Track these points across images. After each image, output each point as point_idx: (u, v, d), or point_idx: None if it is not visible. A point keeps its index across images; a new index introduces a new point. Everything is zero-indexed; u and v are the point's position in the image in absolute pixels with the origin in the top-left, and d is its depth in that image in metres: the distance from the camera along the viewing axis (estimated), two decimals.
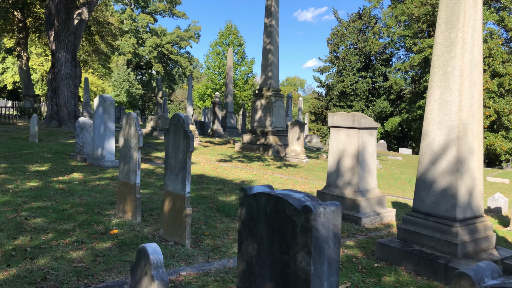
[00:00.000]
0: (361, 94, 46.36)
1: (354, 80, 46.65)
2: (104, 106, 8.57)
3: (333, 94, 47.72)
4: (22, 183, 6.46)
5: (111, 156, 8.72)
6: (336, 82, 46.98)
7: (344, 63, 47.45)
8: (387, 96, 46.35)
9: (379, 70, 46.09)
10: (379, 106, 45.62)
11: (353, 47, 48.03)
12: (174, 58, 66.41)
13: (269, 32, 14.36)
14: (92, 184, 6.84)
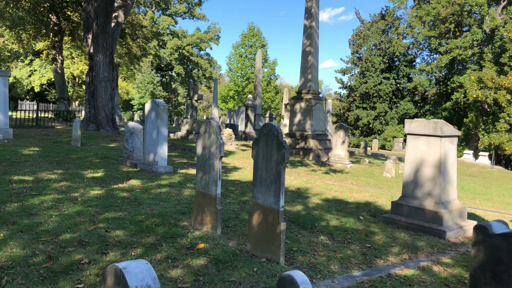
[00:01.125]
0: (384, 96, 45.68)
1: (377, 81, 45.98)
2: (157, 111, 8.42)
3: (355, 96, 47.17)
4: (86, 191, 6.32)
5: (164, 162, 8.56)
6: (359, 83, 46.39)
7: (367, 64, 46.82)
8: (411, 98, 45.59)
9: (403, 71, 45.37)
10: (403, 107, 44.90)
11: (376, 48, 47.41)
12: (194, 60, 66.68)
13: (309, 34, 14.09)
14: (154, 192, 6.67)
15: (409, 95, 45.63)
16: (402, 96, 45.92)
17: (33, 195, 5.81)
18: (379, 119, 46.91)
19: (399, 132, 44.69)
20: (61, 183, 6.73)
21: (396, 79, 46.01)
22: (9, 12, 18.64)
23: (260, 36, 45.96)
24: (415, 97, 46.01)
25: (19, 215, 4.86)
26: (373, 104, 46.60)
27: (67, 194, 6.05)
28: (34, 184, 6.45)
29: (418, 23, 42.76)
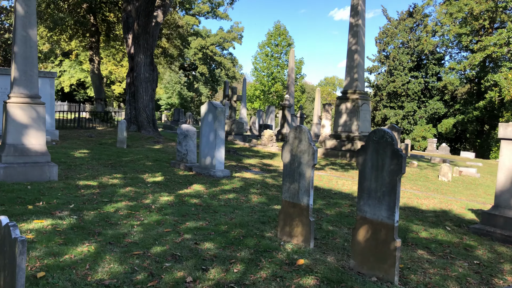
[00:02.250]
0: (412, 95, 44.64)
1: (405, 80, 44.96)
2: (215, 113, 8.15)
3: (382, 95, 46.26)
4: (155, 197, 6.08)
5: (221, 166, 8.29)
6: (386, 82, 45.46)
7: (395, 62, 45.84)
8: (440, 97, 44.41)
9: (432, 70, 44.22)
10: (432, 107, 43.77)
11: (404, 46, 46.39)
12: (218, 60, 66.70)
13: (355, 32, 13.64)
14: (223, 198, 6.39)
15: (438, 94, 44.46)
16: (431, 95, 44.76)
17: (105, 202, 5.60)
18: (407, 118, 45.87)
19: (428, 132, 43.66)
20: (126, 188, 6.52)
21: (424, 78, 44.88)
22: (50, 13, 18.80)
23: (287, 35, 45.51)
24: (445, 96, 44.82)
25: (100, 224, 4.64)
26: (401, 103, 45.59)
27: (138, 201, 5.82)
28: (101, 190, 6.25)
29: (449, 20, 41.60)
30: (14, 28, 6.39)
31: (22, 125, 6.37)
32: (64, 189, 6.09)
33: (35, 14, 6.55)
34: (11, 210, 4.87)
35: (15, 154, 6.33)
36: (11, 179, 6.20)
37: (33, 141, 6.48)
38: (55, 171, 6.60)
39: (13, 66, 6.39)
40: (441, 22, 43.48)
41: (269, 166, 10.71)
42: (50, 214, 4.87)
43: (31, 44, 6.48)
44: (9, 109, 6.26)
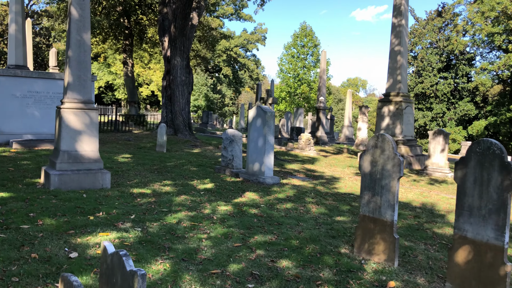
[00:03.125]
0: (442, 96, 43.44)
1: (434, 81, 43.79)
2: (265, 118, 7.87)
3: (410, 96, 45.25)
4: (213, 207, 5.83)
5: (270, 172, 7.99)
6: (414, 83, 44.44)
7: (423, 63, 44.76)
8: (471, 98, 43.07)
9: (462, 71, 42.92)
10: (462, 108, 42.47)
11: (432, 46, 45.27)
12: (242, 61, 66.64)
13: (398, 32, 13.16)
14: (281, 208, 6.09)
15: (469, 95, 43.13)
16: (461, 97, 43.45)
17: (164, 212, 5.38)
18: (436, 120, 44.65)
19: (458, 134, 42.45)
20: (181, 196, 6.29)
21: (454, 79, 43.62)
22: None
23: (313, 35, 45.00)
24: (476, 98, 43.46)
25: (168, 238, 4.40)
26: (430, 104, 44.43)
27: (197, 210, 5.57)
28: (157, 198, 6.04)
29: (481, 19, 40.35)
30: (69, 32, 6.25)
31: (76, 131, 6.22)
32: (120, 197, 5.90)
33: (89, 17, 6.41)
34: (73, 221, 4.68)
35: (69, 161, 6.18)
36: (66, 187, 6.05)
37: (86, 148, 6.33)
38: (108, 178, 6.43)
39: (67, 70, 6.25)
40: (472, 21, 42.23)
41: (314, 172, 10.35)
42: (113, 225, 4.66)
43: (85, 48, 6.33)
44: (63, 115, 6.13)
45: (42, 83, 11.02)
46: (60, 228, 4.42)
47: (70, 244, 4.03)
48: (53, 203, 5.27)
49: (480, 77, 42.63)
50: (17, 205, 5.10)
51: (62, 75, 11.41)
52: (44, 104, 11.08)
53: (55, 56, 18.99)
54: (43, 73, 11.25)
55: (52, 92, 11.16)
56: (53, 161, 6.30)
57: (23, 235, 4.13)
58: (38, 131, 10.99)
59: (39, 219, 4.62)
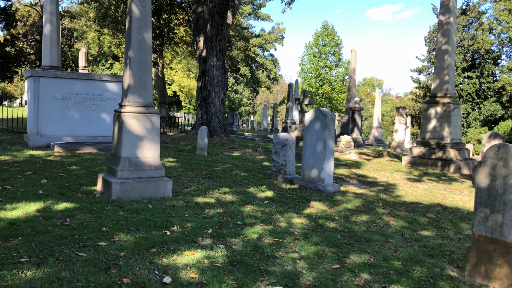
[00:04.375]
0: (466, 96, 42.35)
1: (458, 80, 42.72)
2: (325, 121, 7.41)
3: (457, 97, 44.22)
4: (286, 219, 5.40)
5: (330, 179, 7.53)
6: None
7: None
8: (497, 98, 41.89)
9: (488, 70, 41.75)
10: (488, 108, 41.31)
11: (456, 45, 44.20)
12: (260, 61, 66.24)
13: (445, 31, 12.56)
14: (358, 221, 5.63)
15: (495, 95, 41.93)
16: (486, 97, 42.28)
17: (239, 225, 4.97)
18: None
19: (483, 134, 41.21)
20: (247, 207, 5.88)
21: (479, 78, 42.48)
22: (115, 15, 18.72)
23: (335, 35, 44.32)
24: (502, 98, 42.25)
25: (258, 258, 3.98)
26: None
27: (273, 224, 5.15)
28: (224, 209, 5.64)
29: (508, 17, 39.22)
30: (129, 31, 5.89)
31: (137, 137, 5.86)
32: (187, 208, 5.51)
33: (150, 15, 6.03)
34: (150, 237, 4.30)
35: (130, 169, 5.82)
36: (127, 196, 5.69)
37: (147, 154, 5.95)
38: (170, 186, 6.05)
39: (127, 72, 5.89)
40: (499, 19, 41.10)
41: (365, 177, 9.85)
42: (193, 242, 4.27)
43: (146, 48, 5.96)
44: (124, 120, 5.76)
45: (81, 84, 10.74)
46: (140, 246, 4.03)
47: (157, 265, 3.63)
48: (122, 216, 4.90)
49: (507, 76, 41.45)
50: (85, 217, 4.74)
51: (101, 76, 11.13)
52: (83, 106, 10.80)
53: (84, 57, 18.83)
54: (83, 74, 10.98)
55: (91, 94, 10.87)
56: (112, 168, 5.95)
57: (104, 254, 3.75)
58: (77, 134, 10.71)
59: (114, 235, 4.25)
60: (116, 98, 11.18)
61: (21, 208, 4.86)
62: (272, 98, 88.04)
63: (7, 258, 3.47)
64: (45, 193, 5.66)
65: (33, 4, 44.00)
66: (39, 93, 10.23)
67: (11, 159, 7.93)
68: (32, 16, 43.94)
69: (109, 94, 11.08)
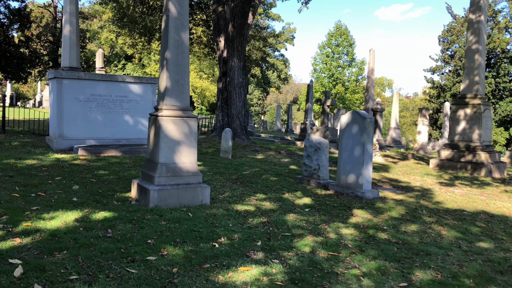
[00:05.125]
0: None
1: None
2: (363, 124, 7.10)
3: (446, 96, 43.59)
4: (334, 229, 5.10)
5: (369, 185, 7.22)
6: (452, 83, 42.78)
7: (462, 62, 43.00)
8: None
9: (504, 69, 40.99)
10: (504, 109, 40.55)
11: None
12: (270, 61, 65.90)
13: (476, 29, 12.16)
14: (408, 231, 5.32)
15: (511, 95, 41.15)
16: (502, 97, 41.49)
17: (287, 236, 4.68)
18: None
19: (499, 135, 40.64)
20: (289, 215, 5.59)
21: (495, 78, 41.72)
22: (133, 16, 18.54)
23: (348, 34, 43.85)
24: None
25: (319, 275, 3.69)
26: None
27: (322, 235, 4.85)
28: (266, 218, 5.36)
29: None
30: (166, 31, 5.64)
31: (174, 142, 5.60)
32: (229, 217, 5.24)
33: (188, 15, 5.78)
34: (199, 250, 4.03)
35: (167, 175, 5.57)
36: (165, 204, 5.44)
37: (185, 160, 5.70)
38: (207, 193, 5.79)
39: (164, 74, 5.63)
40: None
41: (397, 181, 9.52)
42: (245, 256, 3.99)
43: (183, 49, 5.70)
44: (161, 124, 5.51)
45: (104, 86, 10.54)
46: (191, 260, 3.77)
47: (214, 284, 3.36)
48: (164, 226, 4.64)
49: None
50: (126, 228, 4.49)
51: (124, 78, 10.92)
52: (106, 108, 10.60)
53: (101, 57, 18.70)
54: (106, 75, 10.78)
55: (114, 96, 10.67)
56: (148, 174, 5.70)
57: (156, 271, 3.49)
58: (100, 136, 10.51)
59: (161, 248, 3.99)
60: (139, 100, 10.98)
61: (59, 217, 4.63)
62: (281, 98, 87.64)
63: (56, 276, 3.23)
64: (80, 200, 5.43)
65: (47, 5, 44.16)
66: (62, 95, 10.04)
67: (38, 163, 7.74)
68: (45, 17, 44.09)
69: (132, 96, 10.87)
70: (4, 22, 29.22)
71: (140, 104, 11.02)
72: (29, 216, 4.58)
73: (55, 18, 44.61)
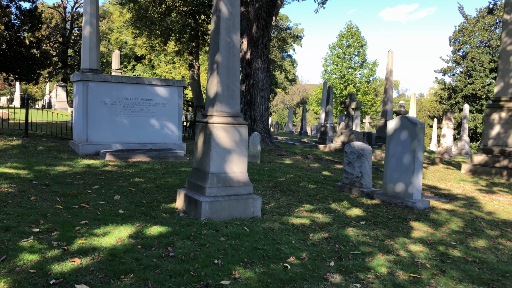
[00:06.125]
0: None
1: (486, 81, 41.45)
2: (414, 130, 6.74)
3: (457, 97, 43.09)
4: (402, 246, 4.74)
5: (419, 195, 6.86)
6: (463, 84, 42.28)
7: (474, 63, 42.55)
8: None
9: None
10: None
11: (484, 45, 43.01)
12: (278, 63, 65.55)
13: (510, 30, 11.77)
14: (477, 247, 4.96)
15: None
16: None
17: (357, 255, 4.34)
18: None
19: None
20: (348, 229, 5.24)
21: None
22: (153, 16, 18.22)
23: (359, 35, 43.44)
24: None
25: None
26: (481, 107, 42.10)
27: (392, 253, 4.50)
28: (326, 233, 5.01)
29: None
30: (216, 33, 5.31)
31: (225, 150, 5.27)
32: (287, 232, 4.90)
33: (239, 15, 5.44)
34: (272, 272, 3.69)
35: (218, 185, 5.24)
36: (217, 216, 5.11)
37: (235, 169, 5.36)
38: (259, 205, 5.45)
39: (214, 79, 5.30)
40: None
41: (436, 188, 9.15)
42: (323, 279, 3.65)
43: (234, 52, 5.37)
44: (212, 131, 5.18)
45: (131, 88, 10.23)
46: (268, 285, 3.43)
47: None
48: (225, 243, 4.30)
49: None
50: (186, 245, 4.16)
51: (151, 80, 10.61)
52: (132, 111, 10.29)
53: (117, 59, 18.41)
54: (132, 78, 10.46)
55: (140, 99, 10.36)
56: (197, 184, 5.37)
57: None
58: (126, 141, 10.21)
59: (232, 270, 3.66)
60: (165, 103, 10.66)
61: (111, 233, 4.30)
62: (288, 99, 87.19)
63: None
64: (127, 213, 5.10)
65: (56, 6, 44.01)
66: (88, 98, 9.74)
67: (69, 170, 7.43)
68: (54, 18, 43.93)
69: (158, 99, 10.55)
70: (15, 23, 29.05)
71: (166, 108, 10.71)
72: (81, 232, 4.26)
73: (65, 19, 44.46)
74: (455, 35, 45.92)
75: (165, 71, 38.60)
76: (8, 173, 6.66)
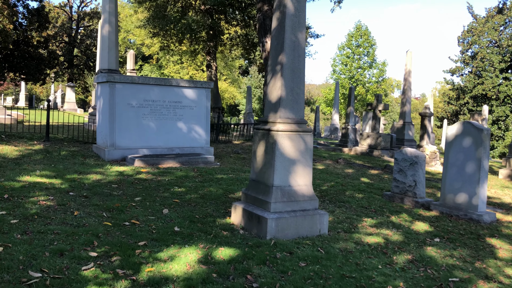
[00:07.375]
0: (505, 98, 40.55)
1: (496, 82, 40.91)
2: (480, 137, 6.23)
3: (466, 97, 42.52)
4: (498, 271, 4.22)
5: (484, 206, 6.34)
6: (472, 84, 41.73)
7: (483, 63, 42.00)
8: None
9: None
10: None
11: (493, 45, 42.47)
12: None
13: None
14: None
15: None
16: None
17: (457, 283, 3.82)
18: (497, 124, 41.74)
19: None
20: (427, 249, 4.72)
21: None
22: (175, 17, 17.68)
23: (369, 35, 42.87)
24: None
25: None
26: (491, 107, 41.62)
27: (492, 279, 3.98)
28: (409, 255, 4.49)
29: None
30: (280, 31, 4.79)
31: (290, 161, 4.75)
32: (366, 254, 4.38)
33: (305, 12, 4.92)
34: None
35: (283, 200, 4.72)
36: (283, 235, 4.59)
37: (300, 181, 4.85)
38: (326, 221, 4.93)
39: (278, 81, 4.78)
40: None
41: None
42: None
43: (299, 53, 4.85)
44: (276, 140, 4.66)
45: (158, 90, 9.71)
46: None
47: None
48: (307, 269, 3.78)
49: None
50: (265, 272, 3.64)
51: (179, 82, 10.10)
52: (159, 114, 9.77)
53: (132, 59, 17.90)
54: (160, 79, 9.94)
55: (168, 101, 9.85)
56: (258, 199, 4.85)
57: None
58: (153, 145, 9.70)
59: None
60: (193, 106, 10.15)
61: (178, 257, 3.79)
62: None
63: None
64: (184, 230, 4.58)
65: (63, 5, 43.51)
66: (115, 100, 9.22)
67: (103, 179, 6.91)
68: (61, 18, 43.44)
69: (186, 102, 10.04)
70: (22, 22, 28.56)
71: (194, 110, 10.19)
72: (143, 256, 3.75)
73: (71, 18, 43.98)
74: (463, 35, 45.38)
75: (173, 71, 38.06)
76: (41, 183, 6.15)
